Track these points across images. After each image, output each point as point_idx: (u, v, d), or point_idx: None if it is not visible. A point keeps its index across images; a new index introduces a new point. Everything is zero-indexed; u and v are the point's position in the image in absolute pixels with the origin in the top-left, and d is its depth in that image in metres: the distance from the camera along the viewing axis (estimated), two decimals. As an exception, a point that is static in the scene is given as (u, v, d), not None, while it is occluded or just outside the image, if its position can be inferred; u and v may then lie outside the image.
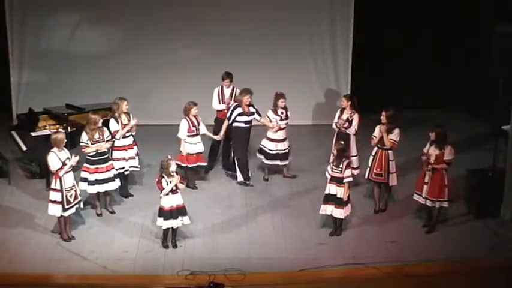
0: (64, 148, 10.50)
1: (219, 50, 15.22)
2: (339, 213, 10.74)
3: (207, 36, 15.17)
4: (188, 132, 12.02)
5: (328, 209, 10.76)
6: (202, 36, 15.18)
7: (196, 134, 12.12)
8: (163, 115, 15.14)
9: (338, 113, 12.18)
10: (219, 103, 12.78)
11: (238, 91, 12.63)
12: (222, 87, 12.82)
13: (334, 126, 12.14)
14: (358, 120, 12.01)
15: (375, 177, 11.46)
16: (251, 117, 12.35)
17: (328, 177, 10.73)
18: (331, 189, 10.70)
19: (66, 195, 10.37)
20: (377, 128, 11.41)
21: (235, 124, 12.31)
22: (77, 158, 10.50)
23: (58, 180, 10.33)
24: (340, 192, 10.66)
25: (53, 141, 10.42)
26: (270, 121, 12.47)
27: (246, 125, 12.35)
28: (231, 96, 12.72)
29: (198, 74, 15.17)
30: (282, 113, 12.51)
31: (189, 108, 12.06)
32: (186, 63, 15.31)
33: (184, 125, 12.02)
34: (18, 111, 14.82)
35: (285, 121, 12.57)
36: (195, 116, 12.08)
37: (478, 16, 14.92)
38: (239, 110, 12.24)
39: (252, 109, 12.34)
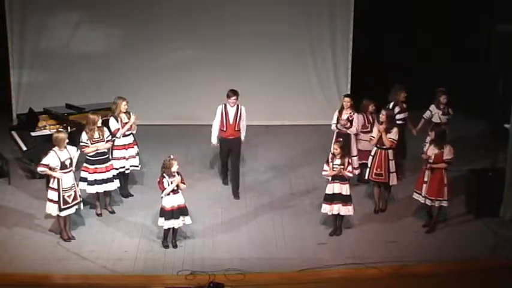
0: (66, 148, 10.50)
1: (219, 50, 15.21)
2: (347, 210, 10.75)
3: (207, 36, 15.16)
4: (362, 128, 12.08)
5: (335, 209, 10.75)
6: (202, 36, 15.17)
7: (370, 131, 12.05)
8: (163, 115, 15.15)
9: (336, 113, 12.11)
10: (223, 125, 11.87)
11: (243, 109, 11.93)
12: (225, 105, 11.90)
13: (334, 127, 12.08)
14: (358, 120, 12.03)
15: (375, 177, 11.46)
16: (406, 114, 12.47)
17: (328, 175, 10.72)
18: (335, 188, 10.69)
19: (63, 195, 10.36)
20: (375, 128, 11.42)
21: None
22: (62, 175, 10.39)
23: (56, 179, 10.34)
24: (345, 189, 10.67)
25: (54, 140, 10.43)
26: (432, 114, 12.52)
27: (403, 122, 12.41)
28: (236, 118, 11.86)
29: (198, 74, 15.17)
30: (443, 108, 12.54)
31: (367, 104, 12.11)
32: (186, 64, 15.29)
33: (360, 120, 12.04)
34: (18, 111, 14.82)
35: (446, 116, 12.58)
36: (371, 113, 12.13)
37: (478, 16, 14.92)
38: (398, 109, 12.34)
39: (404, 105, 12.45)
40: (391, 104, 12.44)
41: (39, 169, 10.41)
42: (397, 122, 12.17)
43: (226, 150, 12.13)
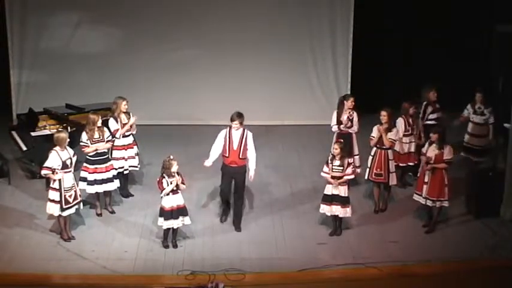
0: (67, 147, 10.51)
1: (219, 50, 15.21)
2: (345, 212, 10.75)
3: (207, 36, 15.15)
4: (404, 131, 12.00)
5: (333, 210, 10.75)
6: (202, 36, 15.17)
7: (411, 134, 12.04)
8: (163, 115, 15.14)
9: (335, 114, 12.05)
10: (226, 151, 10.87)
11: (250, 135, 10.90)
12: (229, 129, 10.86)
13: (335, 128, 12.01)
14: (358, 119, 12.04)
15: (375, 178, 11.46)
16: (439, 114, 12.39)
17: (327, 177, 10.73)
18: (334, 189, 10.69)
19: (65, 195, 10.38)
20: (375, 128, 11.42)
21: (428, 122, 12.30)
22: (62, 175, 10.40)
23: (57, 179, 10.35)
24: (343, 190, 10.67)
25: (56, 140, 10.45)
26: (469, 113, 12.51)
27: (436, 123, 12.30)
28: (241, 144, 10.82)
29: (198, 74, 15.17)
30: (479, 108, 12.53)
31: (407, 107, 12.02)
32: (186, 64, 15.28)
33: (401, 124, 11.94)
34: (18, 111, 14.82)
35: (480, 116, 12.57)
36: (411, 116, 12.05)
37: (478, 16, 14.92)
38: (430, 108, 12.26)
39: (437, 105, 12.37)
40: (424, 104, 12.45)
41: (43, 172, 10.42)
42: (430, 122, 12.24)
43: (228, 180, 11.00)
